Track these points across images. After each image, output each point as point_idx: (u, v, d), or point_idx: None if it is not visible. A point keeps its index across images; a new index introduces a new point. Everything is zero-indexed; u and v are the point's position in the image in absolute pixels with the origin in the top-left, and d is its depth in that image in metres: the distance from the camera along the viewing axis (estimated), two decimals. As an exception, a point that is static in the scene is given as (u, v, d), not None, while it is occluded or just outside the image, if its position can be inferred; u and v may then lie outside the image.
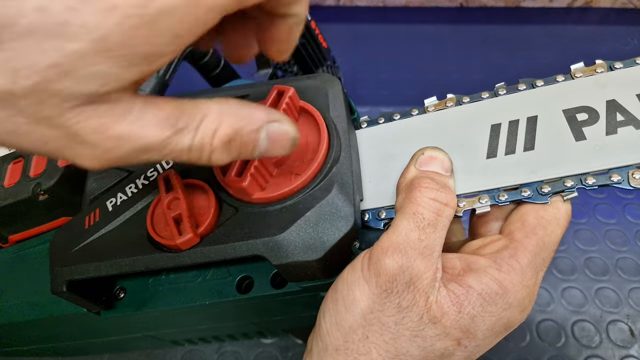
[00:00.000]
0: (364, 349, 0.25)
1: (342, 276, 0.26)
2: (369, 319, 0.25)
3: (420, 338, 0.24)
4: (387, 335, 0.24)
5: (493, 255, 0.26)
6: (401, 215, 0.26)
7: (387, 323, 0.24)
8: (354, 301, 0.25)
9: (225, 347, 0.51)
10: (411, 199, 0.26)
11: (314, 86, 0.32)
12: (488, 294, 0.24)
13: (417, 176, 0.27)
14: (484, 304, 0.24)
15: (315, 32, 0.54)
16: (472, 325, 0.24)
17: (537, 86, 0.30)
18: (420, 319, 0.24)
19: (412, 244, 0.24)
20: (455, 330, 0.24)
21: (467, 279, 0.25)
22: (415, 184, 0.26)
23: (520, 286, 0.25)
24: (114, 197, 0.31)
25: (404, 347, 0.24)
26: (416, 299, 0.24)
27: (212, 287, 0.31)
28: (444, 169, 0.28)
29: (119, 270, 0.28)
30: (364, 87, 0.73)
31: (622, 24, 0.76)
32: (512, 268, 0.25)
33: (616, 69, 0.29)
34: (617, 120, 0.27)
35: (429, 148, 0.29)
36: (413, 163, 0.28)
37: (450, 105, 0.32)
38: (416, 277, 0.24)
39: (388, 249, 0.25)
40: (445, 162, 0.28)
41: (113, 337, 0.40)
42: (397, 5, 0.84)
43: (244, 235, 0.27)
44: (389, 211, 0.29)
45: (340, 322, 0.25)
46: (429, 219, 0.25)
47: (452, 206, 0.26)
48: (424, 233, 0.25)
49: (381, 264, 0.24)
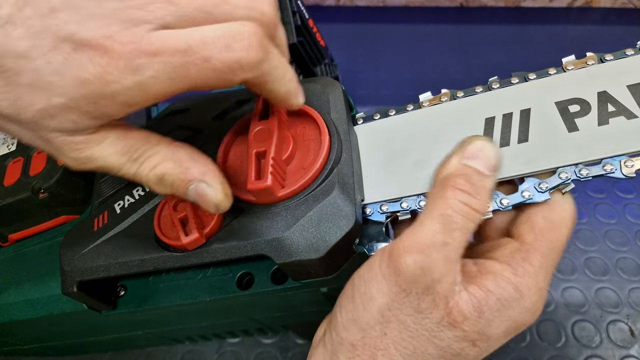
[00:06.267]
0: (381, 345, 0.25)
1: (358, 272, 0.26)
2: (387, 316, 0.25)
3: (438, 339, 0.24)
4: (405, 333, 0.25)
5: (507, 259, 0.26)
6: (429, 213, 0.25)
7: (405, 321, 0.25)
8: (372, 298, 0.25)
9: (225, 347, 0.51)
10: (442, 197, 0.25)
11: (316, 90, 0.33)
12: (506, 299, 0.24)
13: (454, 172, 0.26)
14: (501, 309, 0.24)
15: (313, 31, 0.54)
16: (489, 328, 0.24)
17: (530, 79, 0.31)
18: (439, 321, 0.24)
19: (436, 247, 0.24)
20: (473, 333, 0.24)
21: (485, 282, 0.25)
22: (451, 183, 0.25)
23: (534, 289, 0.25)
24: (121, 200, 0.32)
25: (422, 346, 0.25)
26: (436, 302, 0.24)
27: (213, 284, 0.31)
28: (487, 167, 0.26)
29: (127, 270, 0.29)
30: (364, 87, 0.73)
31: (622, 24, 0.76)
32: (526, 271, 0.25)
33: (607, 61, 0.30)
34: (608, 111, 0.28)
35: (479, 138, 0.26)
36: (458, 153, 0.26)
37: (444, 100, 0.32)
38: (437, 281, 0.24)
39: (410, 248, 0.24)
40: (491, 159, 0.26)
41: (113, 334, 0.40)
42: (397, 5, 0.84)
43: (248, 235, 0.28)
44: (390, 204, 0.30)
45: (358, 319, 0.25)
46: (456, 222, 0.24)
47: (482, 212, 0.25)
48: (450, 237, 0.24)
49: (401, 262, 0.24)
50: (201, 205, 0.26)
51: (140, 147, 0.25)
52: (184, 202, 0.28)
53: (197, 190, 0.25)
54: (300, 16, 0.51)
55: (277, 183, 0.27)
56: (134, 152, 0.25)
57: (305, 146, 0.30)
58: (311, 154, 0.29)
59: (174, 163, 0.25)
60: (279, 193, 0.28)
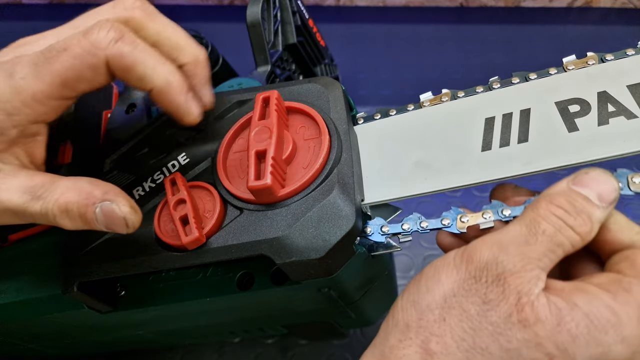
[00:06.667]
0: (438, 331, 0.23)
1: (432, 263, 0.25)
2: (450, 301, 0.23)
3: (505, 338, 0.21)
4: (466, 324, 0.22)
5: (604, 285, 0.22)
6: (516, 220, 0.24)
7: (469, 310, 0.22)
8: (438, 282, 0.24)
9: (225, 347, 0.51)
10: (534, 208, 0.24)
11: (315, 89, 0.33)
12: (598, 319, 0.21)
13: (557, 191, 0.24)
14: (590, 328, 0.21)
15: (313, 31, 0.54)
16: (572, 346, 0.21)
17: (530, 79, 0.31)
18: (508, 317, 0.22)
19: (516, 243, 0.23)
20: (549, 343, 0.21)
21: (573, 297, 0.22)
22: (549, 198, 0.24)
23: (637, 322, 0.21)
24: None
25: (483, 342, 0.22)
26: (505, 295, 0.22)
27: (213, 284, 0.31)
28: (598, 197, 0.24)
29: (127, 270, 0.29)
30: (364, 87, 0.73)
31: (622, 24, 0.76)
32: (627, 300, 0.21)
33: (607, 61, 0.30)
34: (608, 111, 0.28)
35: (597, 170, 0.25)
36: (569, 178, 0.25)
37: (445, 100, 0.32)
38: (509, 273, 0.22)
39: (488, 241, 0.23)
40: (605, 191, 0.24)
41: (113, 334, 0.40)
42: (397, 5, 0.84)
43: (248, 235, 0.28)
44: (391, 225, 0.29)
45: (418, 300, 0.24)
46: (544, 229, 0.23)
47: (581, 236, 0.23)
48: (533, 238, 0.23)
49: (475, 251, 0.23)
50: (112, 228, 0.26)
51: (43, 185, 0.25)
52: (184, 202, 0.28)
53: (103, 211, 0.25)
54: (300, 16, 0.51)
55: (277, 183, 0.27)
56: (37, 190, 0.25)
57: (305, 146, 0.30)
58: (311, 154, 0.29)
59: (75, 191, 0.25)
60: (278, 193, 0.28)
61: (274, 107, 0.29)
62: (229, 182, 0.30)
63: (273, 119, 0.28)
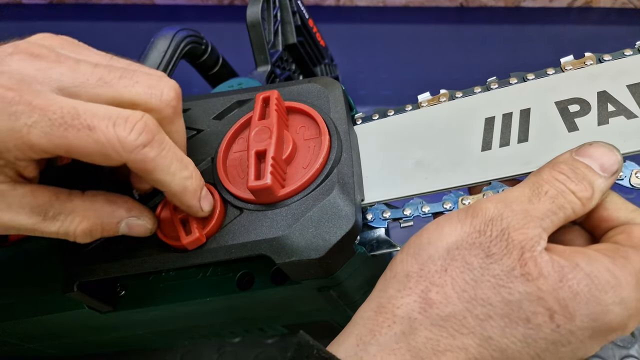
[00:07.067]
0: (439, 281, 0.23)
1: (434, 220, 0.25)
2: (452, 254, 0.23)
3: (507, 290, 0.21)
4: (468, 275, 0.22)
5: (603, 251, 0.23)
6: (520, 183, 0.24)
7: (471, 263, 0.22)
8: (441, 235, 0.24)
9: (225, 347, 0.51)
10: (538, 173, 0.24)
11: (315, 89, 0.33)
12: (598, 279, 0.21)
13: (561, 160, 0.25)
14: (591, 287, 0.21)
15: (313, 31, 0.54)
16: (573, 302, 0.21)
17: (529, 79, 0.31)
18: (510, 270, 0.22)
19: (520, 202, 0.23)
20: (551, 298, 0.21)
21: (575, 258, 0.22)
22: (552, 165, 0.24)
23: (634, 286, 0.21)
24: None
25: (484, 294, 0.22)
26: (509, 249, 0.22)
27: (213, 284, 0.31)
28: (600, 167, 0.24)
29: (127, 270, 0.29)
30: (364, 87, 0.73)
31: (622, 24, 0.76)
32: (625, 265, 0.22)
33: (605, 61, 0.30)
34: (608, 111, 0.28)
35: (600, 142, 0.25)
36: (573, 149, 0.25)
37: (443, 100, 0.32)
38: (513, 229, 0.22)
39: (493, 199, 0.24)
40: (607, 162, 0.24)
41: (113, 334, 0.40)
42: (397, 5, 0.84)
43: (248, 234, 0.28)
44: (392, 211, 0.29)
45: (419, 252, 0.24)
46: (547, 191, 0.23)
47: (582, 202, 0.23)
48: (536, 198, 0.23)
49: (480, 207, 0.23)
50: (133, 234, 0.27)
51: (53, 205, 0.25)
52: None
53: (128, 225, 0.27)
54: (300, 16, 0.51)
55: (277, 182, 0.27)
56: (48, 209, 0.25)
57: (305, 146, 0.30)
58: (311, 154, 0.29)
59: (96, 213, 0.26)
60: (278, 193, 0.28)
61: (274, 107, 0.29)
62: (229, 182, 0.30)
63: (273, 119, 0.28)
